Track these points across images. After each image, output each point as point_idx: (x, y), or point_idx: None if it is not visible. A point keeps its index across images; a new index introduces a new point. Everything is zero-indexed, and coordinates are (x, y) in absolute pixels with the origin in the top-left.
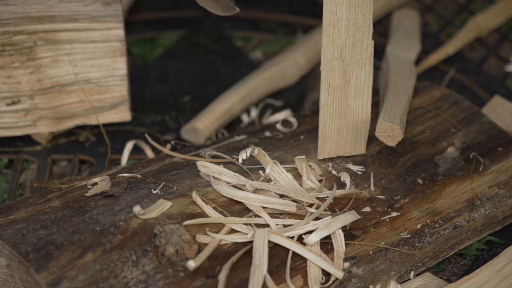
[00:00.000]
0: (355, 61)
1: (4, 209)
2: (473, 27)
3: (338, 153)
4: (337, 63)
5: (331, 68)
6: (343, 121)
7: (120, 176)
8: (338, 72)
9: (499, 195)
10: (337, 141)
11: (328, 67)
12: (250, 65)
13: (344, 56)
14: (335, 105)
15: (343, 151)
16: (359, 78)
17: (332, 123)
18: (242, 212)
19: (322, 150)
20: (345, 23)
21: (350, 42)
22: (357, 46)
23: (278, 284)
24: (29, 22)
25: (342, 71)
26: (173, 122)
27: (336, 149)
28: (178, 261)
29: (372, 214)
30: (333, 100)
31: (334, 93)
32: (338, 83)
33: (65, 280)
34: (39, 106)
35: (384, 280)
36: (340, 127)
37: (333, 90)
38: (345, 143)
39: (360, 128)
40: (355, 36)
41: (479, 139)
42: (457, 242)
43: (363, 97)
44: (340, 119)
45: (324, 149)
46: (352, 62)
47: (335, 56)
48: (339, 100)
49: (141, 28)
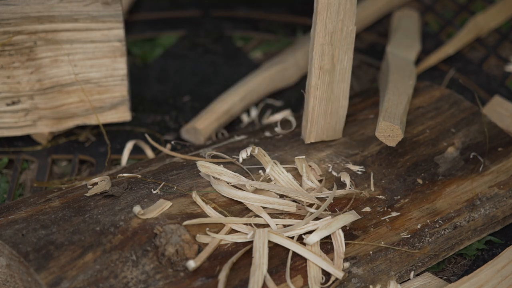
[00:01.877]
0: (341, 46)
1: (4, 209)
2: (473, 27)
3: (321, 137)
4: (328, 48)
5: (322, 52)
6: (329, 106)
7: (120, 176)
8: (327, 56)
9: (499, 195)
10: (322, 126)
11: (319, 51)
12: (250, 65)
13: (333, 40)
14: (323, 89)
15: (325, 136)
16: (343, 63)
17: (320, 107)
18: (242, 212)
19: (309, 135)
20: (336, 8)
21: (339, 27)
22: (344, 31)
23: (278, 284)
24: (29, 22)
25: (331, 55)
26: (173, 122)
27: (321, 134)
28: (178, 261)
29: (372, 214)
30: (322, 84)
31: (324, 77)
32: (327, 67)
33: (65, 280)
34: (39, 106)
35: (384, 280)
36: (326, 111)
37: (323, 74)
38: (328, 127)
39: (340, 113)
40: (343, 21)
41: (479, 139)
42: (457, 242)
43: (345, 82)
44: (327, 103)
45: (311, 133)
46: (339, 47)
47: (326, 40)
48: (327, 85)
49: (141, 28)
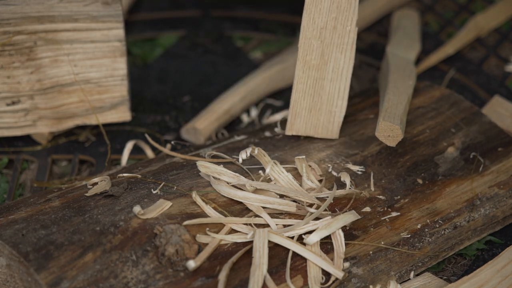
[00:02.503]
0: (335, 44)
1: (4, 209)
2: (473, 27)
3: (308, 132)
4: (316, 43)
5: (309, 46)
6: (316, 102)
7: (120, 176)
8: (316, 51)
9: (499, 195)
10: (307, 120)
11: (306, 45)
12: (250, 65)
13: (323, 36)
14: (309, 83)
15: (313, 132)
16: (338, 62)
17: (304, 101)
18: (242, 212)
19: (291, 127)
20: (328, 5)
21: (331, 25)
22: (339, 30)
23: (278, 284)
24: (29, 22)
25: (320, 51)
26: (173, 122)
27: (306, 128)
28: (178, 261)
29: (372, 214)
30: (307, 78)
31: (309, 71)
32: (314, 63)
33: (65, 280)
34: (39, 106)
35: (384, 280)
36: (312, 106)
37: (308, 68)
38: (316, 123)
39: (335, 113)
40: (337, 19)
41: (479, 139)
42: (457, 242)
43: (341, 82)
44: (313, 98)
45: (293, 125)
46: (332, 45)
47: (314, 35)
48: (313, 80)
49: (141, 28)
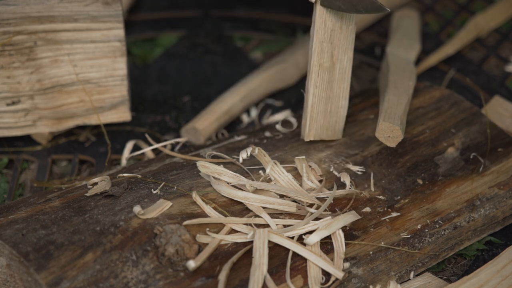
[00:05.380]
0: (341, 44)
1: (4, 209)
2: (473, 27)
3: (321, 136)
4: (327, 45)
5: (322, 49)
6: (328, 104)
7: (120, 176)
8: (327, 54)
9: (499, 195)
10: (322, 124)
11: (319, 49)
12: (250, 65)
13: (333, 38)
14: (323, 87)
15: (325, 135)
16: (343, 62)
17: (319, 105)
18: (242, 212)
19: (309, 133)
20: None
21: (338, 25)
22: (344, 30)
23: (278, 284)
24: (29, 22)
25: (330, 53)
26: (173, 122)
27: (321, 133)
28: (178, 261)
29: (372, 214)
30: (321, 81)
31: (323, 74)
32: (326, 65)
33: (65, 280)
34: (39, 106)
35: (384, 280)
36: (325, 109)
37: (323, 71)
38: (327, 127)
39: (339, 113)
40: (343, 19)
41: (479, 139)
42: (457, 242)
43: (345, 82)
44: (326, 102)
45: (311, 131)
46: (339, 46)
47: (326, 38)
48: (326, 82)
49: (141, 28)
